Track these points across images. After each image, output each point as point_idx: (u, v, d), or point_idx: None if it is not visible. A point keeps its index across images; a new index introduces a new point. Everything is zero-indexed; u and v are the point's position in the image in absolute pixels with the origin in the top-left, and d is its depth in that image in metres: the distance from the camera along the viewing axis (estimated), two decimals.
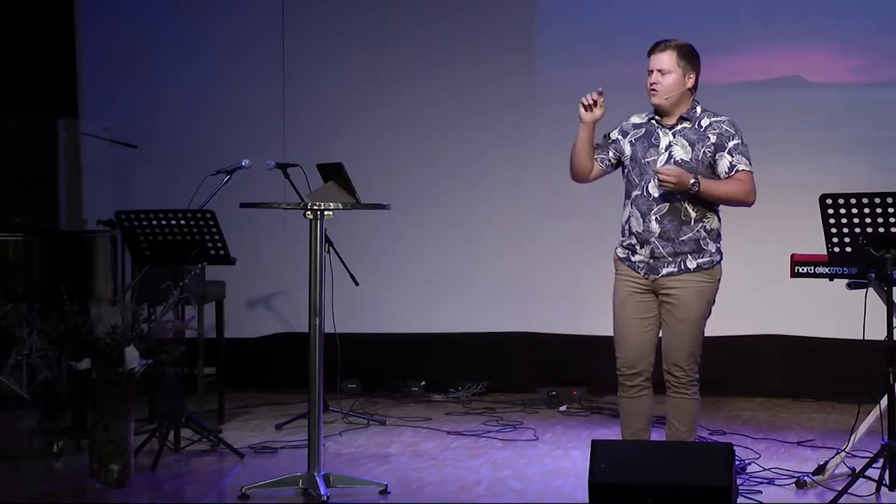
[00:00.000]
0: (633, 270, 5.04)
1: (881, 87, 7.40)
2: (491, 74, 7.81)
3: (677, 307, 4.97)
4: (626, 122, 5.13)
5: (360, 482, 5.34)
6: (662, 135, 5.01)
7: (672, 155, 4.96)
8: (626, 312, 5.05)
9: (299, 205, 5.22)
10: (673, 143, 4.98)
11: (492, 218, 7.81)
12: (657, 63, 4.99)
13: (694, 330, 4.99)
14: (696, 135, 4.98)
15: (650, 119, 5.08)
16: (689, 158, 4.95)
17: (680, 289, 4.96)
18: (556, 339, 7.75)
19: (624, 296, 5.06)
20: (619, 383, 5.10)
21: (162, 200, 6.53)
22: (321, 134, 7.87)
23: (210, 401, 6.82)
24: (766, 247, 7.07)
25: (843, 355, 6.99)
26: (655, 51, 5.01)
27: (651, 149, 5.00)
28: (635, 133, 5.07)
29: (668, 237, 4.95)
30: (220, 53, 8.09)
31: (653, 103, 5.02)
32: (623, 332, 5.06)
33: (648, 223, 4.96)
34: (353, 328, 7.37)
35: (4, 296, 5.98)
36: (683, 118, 5.01)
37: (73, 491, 5.39)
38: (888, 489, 5.02)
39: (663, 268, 4.97)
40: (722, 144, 4.97)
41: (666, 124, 5.03)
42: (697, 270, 4.97)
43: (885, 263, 4.94)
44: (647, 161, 4.99)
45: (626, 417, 5.11)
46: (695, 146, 4.97)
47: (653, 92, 4.99)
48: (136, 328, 5.41)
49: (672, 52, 4.98)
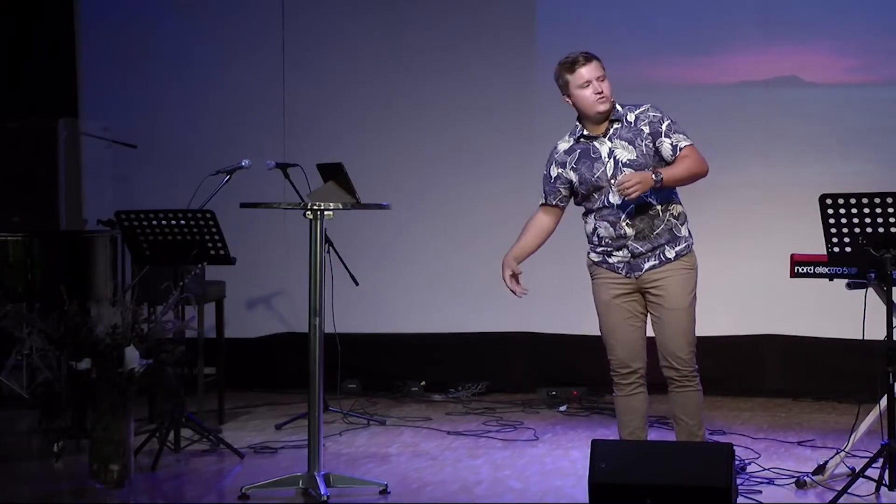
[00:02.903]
0: (612, 272, 5.05)
1: (880, 87, 7.40)
2: (491, 74, 7.82)
3: (665, 298, 4.98)
4: (556, 153, 5.12)
5: (360, 482, 5.34)
6: (599, 145, 5.00)
7: (618, 159, 4.96)
8: (613, 314, 5.06)
9: (299, 205, 5.22)
10: (613, 149, 4.98)
11: (492, 217, 7.80)
12: (595, 72, 4.96)
13: (686, 317, 5.00)
14: (631, 132, 4.99)
15: (578, 139, 5.06)
16: (636, 156, 4.96)
17: (665, 279, 4.98)
18: (556, 339, 7.75)
19: (607, 298, 5.07)
20: (613, 384, 5.11)
21: (162, 200, 6.53)
22: (321, 134, 7.88)
23: (210, 401, 6.83)
24: (766, 247, 7.07)
25: (843, 355, 6.99)
26: (581, 63, 4.97)
27: (595, 163, 4.99)
28: (570, 158, 5.06)
29: (644, 235, 4.97)
30: (221, 53, 8.09)
31: (602, 111, 4.97)
32: (613, 334, 5.07)
33: (620, 230, 4.98)
34: (353, 328, 7.37)
35: (4, 296, 5.98)
36: (613, 121, 5.02)
37: (73, 491, 5.40)
38: (888, 489, 5.02)
39: (645, 263, 4.98)
40: (657, 131, 4.98)
41: (597, 134, 5.01)
42: (677, 259, 5.00)
43: (885, 263, 4.94)
44: (597, 177, 4.99)
45: (623, 417, 5.12)
46: (634, 143, 4.97)
47: (603, 100, 4.95)
48: (136, 328, 5.41)
49: (596, 61, 4.99)
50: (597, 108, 4.97)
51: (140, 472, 5.56)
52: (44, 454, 5.88)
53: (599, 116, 5.00)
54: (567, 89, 5.01)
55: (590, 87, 4.95)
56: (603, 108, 4.97)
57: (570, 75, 4.98)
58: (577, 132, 5.08)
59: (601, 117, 5.00)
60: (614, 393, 5.13)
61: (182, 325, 5.89)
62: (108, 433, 5.29)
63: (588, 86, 4.95)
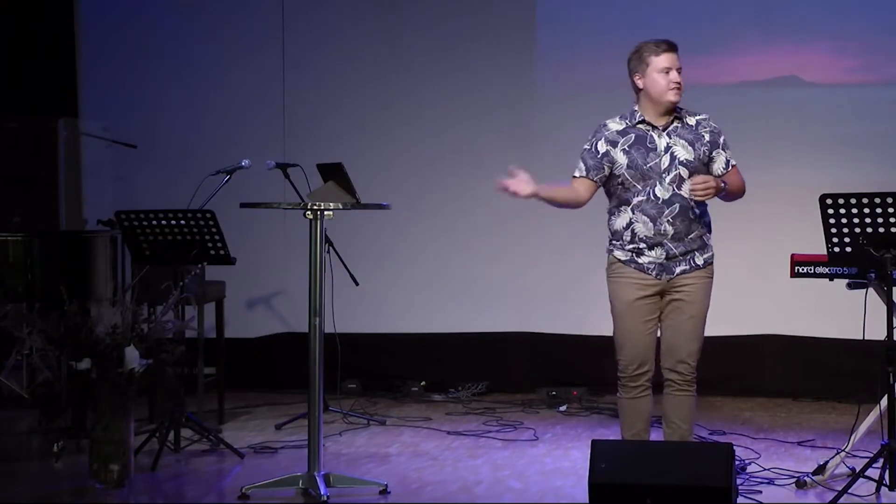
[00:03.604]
0: (641, 272, 4.98)
1: (879, 87, 7.41)
2: (491, 74, 7.81)
3: (687, 304, 4.97)
4: (607, 130, 5.02)
5: (360, 482, 5.34)
6: (657, 137, 4.97)
7: (675, 156, 4.94)
8: (634, 315, 4.99)
9: (299, 205, 5.22)
10: (671, 144, 4.96)
11: (492, 218, 7.81)
12: (677, 62, 4.94)
13: (701, 326, 5.01)
14: (692, 134, 4.98)
15: (635, 124, 5.00)
16: (693, 158, 4.95)
17: (691, 285, 4.97)
18: (556, 339, 7.75)
19: (631, 299, 4.98)
20: (621, 385, 5.06)
21: (162, 200, 6.53)
22: (321, 134, 7.87)
23: (210, 401, 6.83)
24: (767, 247, 7.08)
25: (843, 355, 6.99)
26: (674, 50, 4.95)
27: (650, 153, 4.95)
28: (625, 140, 4.98)
29: (680, 237, 4.94)
30: (221, 53, 8.09)
31: (673, 102, 4.93)
32: (629, 335, 5.00)
33: (660, 226, 4.92)
34: (353, 328, 7.37)
35: (4, 296, 5.98)
36: (676, 117, 5.00)
37: (73, 491, 5.40)
38: (888, 489, 5.02)
39: (677, 266, 4.96)
40: (716, 142, 5.00)
41: (657, 125, 4.99)
42: (705, 266, 5.00)
43: (885, 263, 4.94)
44: (649, 166, 4.94)
45: (629, 418, 5.07)
46: (694, 145, 4.96)
47: (677, 90, 4.92)
48: (136, 328, 5.41)
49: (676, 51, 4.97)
50: (668, 97, 4.92)
51: (140, 472, 5.56)
52: (44, 454, 5.88)
53: (665, 107, 4.95)
54: (643, 70, 4.94)
55: (669, 75, 4.91)
56: (675, 98, 4.92)
57: (654, 57, 4.92)
58: (635, 117, 5.00)
59: (665, 109, 4.95)
60: (619, 394, 5.09)
61: (182, 325, 5.89)
62: (108, 433, 5.29)
63: (668, 73, 4.92)
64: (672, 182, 4.93)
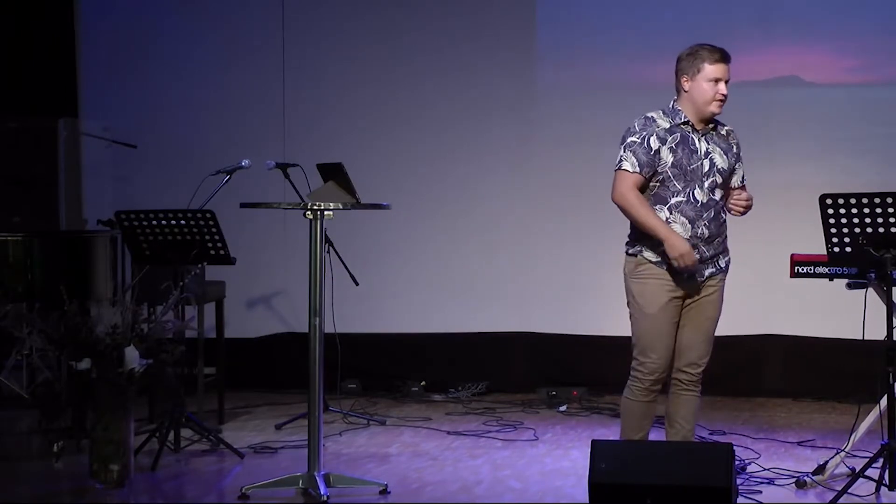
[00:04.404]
0: (673, 273, 4.90)
1: (879, 87, 7.41)
2: (491, 75, 7.81)
3: (710, 307, 4.98)
4: (657, 126, 4.92)
5: (360, 482, 5.34)
6: (697, 140, 4.94)
7: (714, 163, 4.93)
8: (665, 318, 4.92)
9: (299, 205, 5.22)
10: (710, 150, 4.93)
11: (492, 218, 7.81)
12: (727, 74, 4.90)
13: (714, 328, 5.04)
14: (725, 143, 5.00)
15: (679, 124, 4.93)
16: (727, 167, 4.97)
17: (713, 287, 4.99)
18: (556, 339, 7.75)
19: (664, 301, 4.91)
20: (637, 388, 4.97)
21: (162, 200, 6.53)
22: (321, 134, 7.87)
23: (210, 401, 6.82)
24: (766, 247, 7.07)
25: (843, 355, 7.00)
26: (725, 59, 4.90)
27: (693, 154, 4.91)
28: (672, 139, 4.91)
29: (712, 241, 4.95)
30: (220, 53, 8.09)
31: (714, 113, 4.90)
32: (660, 337, 4.93)
33: (697, 229, 4.90)
34: (353, 328, 7.37)
35: (4, 296, 5.97)
36: (713, 125, 4.98)
37: (73, 491, 5.40)
38: (888, 489, 5.03)
39: (707, 269, 4.96)
40: (740, 155, 5.06)
41: (697, 129, 4.95)
42: (726, 270, 5.04)
43: (885, 263, 4.94)
44: (692, 168, 4.90)
45: (639, 421, 5.01)
46: (727, 154, 4.98)
47: (721, 103, 4.89)
48: (136, 328, 5.41)
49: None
50: (712, 109, 4.90)
51: (140, 472, 5.56)
52: (44, 454, 5.88)
53: (705, 116, 4.92)
54: (692, 74, 4.89)
55: (718, 86, 4.88)
56: (718, 110, 4.91)
57: (708, 65, 4.87)
58: (679, 116, 4.93)
59: (704, 117, 4.93)
60: (631, 396, 5.00)
61: (182, 325, 5.89)
62: (108, 433, 5.29)
63: (717, 83, 4.88)
64: (710, 187, 4.92)
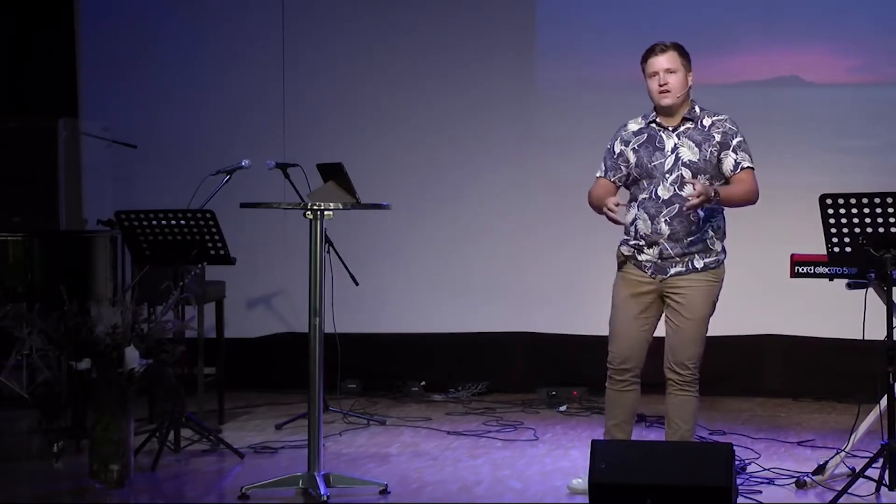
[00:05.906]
0: (639, 269, 5.04)
1: (879, 87, 7.41)
2: (491, 74, 7.81)
3: (684, 306, 4.99)
4: (625, 130, 5.13)
5: (360, 482, 5.34)
6: (666, 137, 5.01)
7: (679, 157, 4.97)
8: (627, 310, 5.07)
9: (299, 205, 5.22)
10: (679, 145, 4.99)
11: (492, 217, 7.81)
12: (661, 64, 4.98)
13: (700, 329, 5.02)
14: (701, 135, 5.00)
15: (649, 123, 5.08)
16: (697, 159, 4.97)
17: (687, 288, 4.98)
18: (556, 339, 7.75)
19: (626, 294, 5.07)
20: (608, 375, 5.16)
21: (162, 200, 6.53)
22: (321, 134, 7.87)
23: (210, 401, 6.82)
24: (766, 247, 7.07)
25: (843, 355, 7.00)
26: (655, 53, 5.00)
27: (656, 152, 5.01)
28: (637, 140, 5.06)
29: (677, 238, 4.96)
30: (220, 53, 8.09)
31: (664, 104, 4.99)
32: (619, 328, 5.10)
33: (657, 225, 4.96)
34: (353, 328, 7.37)
35: (4, 296, 5.97)
36: (686, 119, 5.02)
37: (73, 491, 5.39)
38: (888, 489, 5.02)
39: (671, 268, 4.99)
40: (727, 143, 5.00)
41: (668, 126, 5.03)
42: (704, 270, 5.00)
43: (885, 263, 4.94)
44: (653, 165, 4.99)
45: (611, 409, 5.18)
46: (701, 146, 4.98)
47: (665, 93, 4.96)
48: (136, 328, 5.41)
49: (673, 52, 4.99)
50: (659, 101, 4.99)
51: (140, 472, 5.56)
52: (44, 454, 5.88)
53: (663, 109, 5.01)
54: (644, 75, 5.04)
55: (655, 79, 4.97)
56: (664, 101, 4.98)
57: (643, 63, 5.03)
58: (649, 116, 5.09)
59: (664, 111, 5.01)
60: (607, 385, 5.18)
61: (182, 325, 5.89)
62: (108, 433, 5.28)
63: (654, 77, 4.98)
64: (674, 183, 4.96)
